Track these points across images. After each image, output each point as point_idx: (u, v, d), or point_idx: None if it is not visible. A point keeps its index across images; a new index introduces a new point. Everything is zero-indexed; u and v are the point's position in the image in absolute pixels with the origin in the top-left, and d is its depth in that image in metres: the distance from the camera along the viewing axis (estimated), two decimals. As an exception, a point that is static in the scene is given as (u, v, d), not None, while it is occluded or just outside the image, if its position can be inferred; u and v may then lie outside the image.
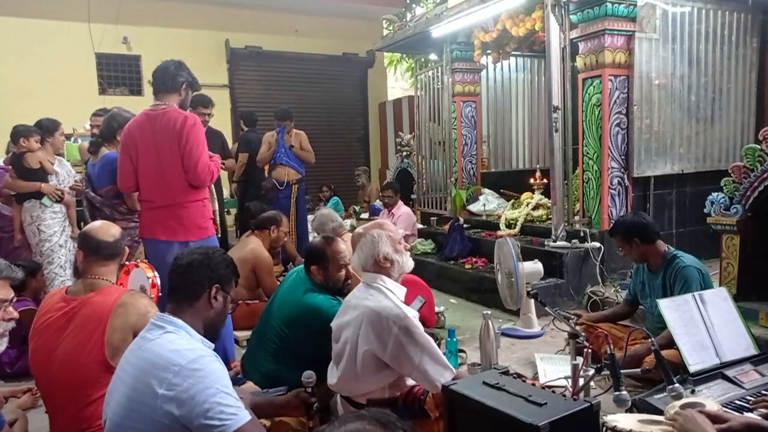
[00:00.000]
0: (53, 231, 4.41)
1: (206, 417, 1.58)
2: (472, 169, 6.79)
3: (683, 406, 1.99)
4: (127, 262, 2.80)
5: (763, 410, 2.18)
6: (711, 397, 2.20)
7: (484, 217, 6.21)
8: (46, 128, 4.49)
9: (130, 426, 1.64)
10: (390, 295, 2.35)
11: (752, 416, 2.09)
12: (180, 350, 1.66)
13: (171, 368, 1.61)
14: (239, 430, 1.61)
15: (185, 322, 1.77)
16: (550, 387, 1.95)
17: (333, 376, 2.41)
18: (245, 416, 1.64)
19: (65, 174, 4.57)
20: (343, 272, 2.86)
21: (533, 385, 1.91)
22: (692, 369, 2.49)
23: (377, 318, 2.22)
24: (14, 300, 2.07)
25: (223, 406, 1.60)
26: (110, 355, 2.10)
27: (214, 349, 1.80)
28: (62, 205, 4.47)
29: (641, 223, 3.24)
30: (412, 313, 2.33)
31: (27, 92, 7.91)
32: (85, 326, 2.14)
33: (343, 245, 2.91)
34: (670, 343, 2.62)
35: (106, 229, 2.40)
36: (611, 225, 3.55)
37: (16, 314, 2.02)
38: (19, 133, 4.37)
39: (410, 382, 2.37)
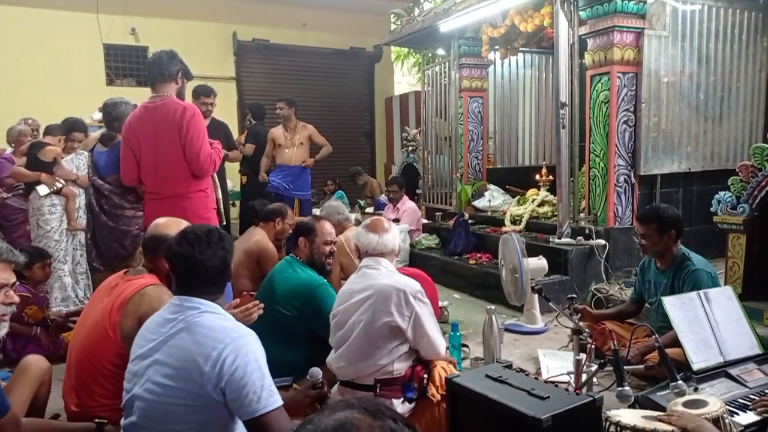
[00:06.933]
0: (51, 227, 4.44)
1: (242, 392, 1.66)
2: (478, 164, 6.78)
3: (686, 404, 1.99)
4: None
5: (763, 410, 2.18)
6: (714, 395, 2.20)
7: (489, 213, 6.20)
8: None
9: (173, 402, 1.70)
10: (395, 273, 2.51)
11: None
12: (225, 329, 1.73)
13: (217, 347, 1.68)
14: (270, 414, 1.69)
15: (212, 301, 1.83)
16: (553, 382, 1.96)
17: (338, 362, 2.47)
18: (278, 401, 1.72)
19: (74, 168, 4.62)
20: (328, 249, 3.06)
21: (536, 379, 1.91)
22: (696, 367, 2.49)
23: (395, 291, 2.35)
24: (16, 284, 2.07)
25: (257, 388, 1.68)
26: (122, 338, 2.14)
27: None
28: (61, 197, 4.48)
29: (680, 217, 3.15)
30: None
31: (35, 83, 7.94)
32: (113, 306, 2.20)
33: (330, 226, 3.14)
34: (675, 343, 2.61)
35: (162, 228, 2.36)
36: (645, 209, 3.32)
37: (16, 298, 2.02)
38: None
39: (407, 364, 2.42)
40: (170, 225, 2.34)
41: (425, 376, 2.40)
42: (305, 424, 0.89)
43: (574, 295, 3.12)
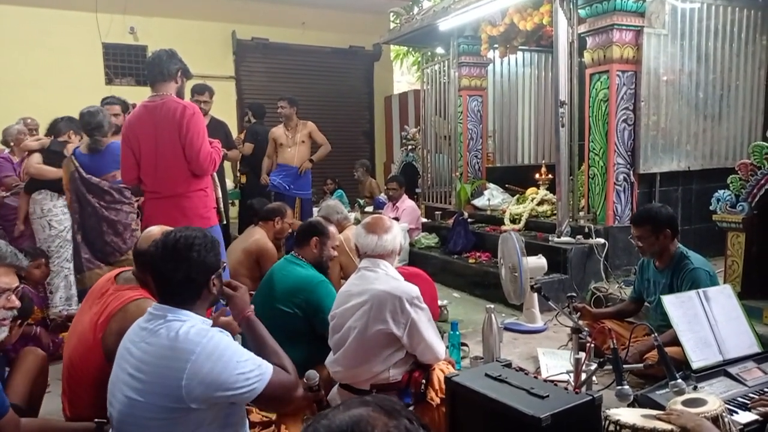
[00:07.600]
0: (64, 227, 4.44)
1: (234, 389, 1.67)
2: (478, 163, 6.78)
3: (685, 403, 1.99)
4: None
5: (762, 409, 2.18)
6: (713, 394, 2.20)
7: (488, 212, 6.21)
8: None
9: (143, 416, 1.67)
10: (393, 277, 2.46)
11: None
12: (189, 338, 1.68)
13: (188, 358, 1.64)
14: (269, 383, 1.72)
15: (185, 309, 1.78)
16: (552, 381, 1.96)
17: (334, 365, 2.45)
18: (267, 371, 1.74)
19: None
20: (335, 253, 3.14)
21: (536, 378, 1.92)
22: (695, 365, 2.49)
23: (390, 298, 2.31)
24: (19, 289, 2.06)
25: (246, 374, 1.69)
26: (105, 354, 2.10)
27: None
28: None
29: (674, 215, 3.14)
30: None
31: (34, 82, 7.92)
32: (98, 319, 2.16)
33: (338, 233, 3.23)
34: (674, 342, 2.62)
35: (146, 238, 2.30)
36: (637, 212, 3.34)
37: (17, 303, 2.01)
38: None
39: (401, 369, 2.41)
40: (144, 237, 2.34)
41: (423, 381, 2.37)
42: (320, 419, 0.88)
43: (574, 294, 3.13)
